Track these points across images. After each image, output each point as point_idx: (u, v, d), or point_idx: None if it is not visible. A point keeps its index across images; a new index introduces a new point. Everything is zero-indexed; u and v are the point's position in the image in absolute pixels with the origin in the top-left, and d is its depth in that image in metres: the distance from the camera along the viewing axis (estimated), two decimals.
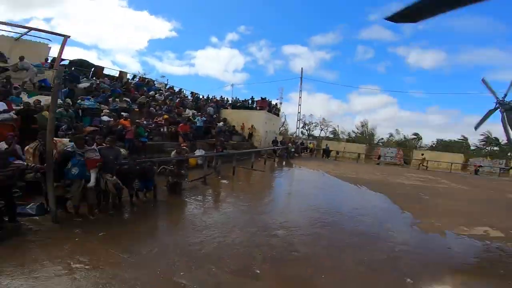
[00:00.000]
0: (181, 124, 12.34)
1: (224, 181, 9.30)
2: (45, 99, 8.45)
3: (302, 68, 29.90)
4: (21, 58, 10.03)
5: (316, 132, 41.99)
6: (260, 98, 22.44)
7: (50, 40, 13.69)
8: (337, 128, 42.94)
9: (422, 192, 10.49)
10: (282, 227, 5.17)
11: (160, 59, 67.62)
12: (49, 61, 12.99)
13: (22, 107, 6.81)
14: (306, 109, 60.82)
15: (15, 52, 10.92)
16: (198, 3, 68.31)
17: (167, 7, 67.86)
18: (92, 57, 68.47)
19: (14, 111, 6.44)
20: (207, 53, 69.18)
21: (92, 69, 15.49)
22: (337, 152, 26.95)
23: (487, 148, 36.05)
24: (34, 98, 8.17)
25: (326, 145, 26.87)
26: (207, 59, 67.26)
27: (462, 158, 30.39)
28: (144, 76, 18.98)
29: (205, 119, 14.53)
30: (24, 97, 8.22)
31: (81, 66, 14.59)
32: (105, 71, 17.11)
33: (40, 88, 10.43)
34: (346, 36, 60.67)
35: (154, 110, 13.41)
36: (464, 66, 53.48)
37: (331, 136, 41.82)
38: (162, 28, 67.94)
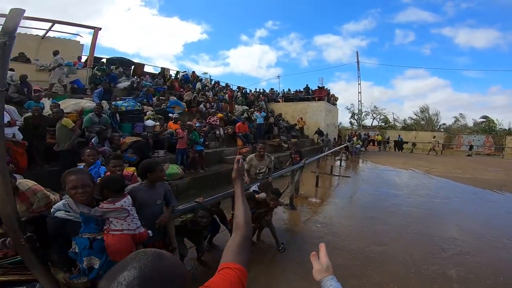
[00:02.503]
0: (238, 123, 9.80)
1: (314, 199, 6.46)
2: (71, 103, 6.47)
3: (357, 52, 25.71)
4: (55, 53, 8.35)
5: (368, 122, 37.14)
6: (317, 87, 19.03)
7: (81, 36, 12.24)
8: (392, 115, 37.50)
9: None
10: None
11: (196, 61, 70.48)
12: (82, 60, 11.43)
13: (30, 113, 4.69)
14: (347, 98, 56.72)
15: (43, 52, 9.40)
16: (223, 4, 68.87)
17: (195, 11, 71.23)
18: None
19: (20, 122, 4.36)
20: (239, 52, 72.38)
21: (132, 67, 13.80)
22: (413, 144, 22.32)
23: None
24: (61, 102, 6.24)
25: (399, 136, 22.42)
26: (240, 57, 69.72)
27: None
28: (188, 72, 16.95)
29: (265, 114, 11.78)
30: (47, 103, 6.32)
31: (120, 64, 12.92)
32: (146, 69, 15.44)
33: (72, 90, 8.71)
34: (380, 21, 57.43)
35: (205, 109, 11.11)
36: None
37: (383, 124, 36.88)
38: (194, 31, 70.93)
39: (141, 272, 0.53)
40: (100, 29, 12.67)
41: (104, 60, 13.17)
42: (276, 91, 22.51)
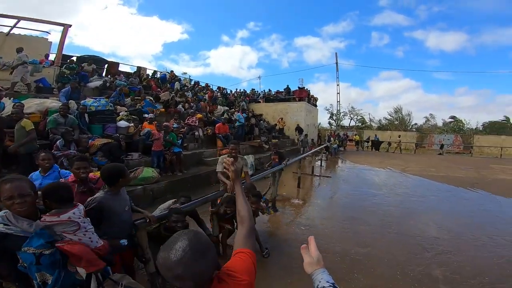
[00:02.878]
0: (218, 124, 9.52)
1: (296, 200, 6.36)
2: (34, 103, 5.93)
3: (336, 53, 26.17)
4: (19, 50, 7.63)
5: (345, 122, 38.30)
6: (297, 88, 19.13)
7: (49, 33, 11.49)
8: (369, 116, 38.95)
9: None
10: None
11: (176, 61, 69.15)
12: (51, 58, 10.63)
13: None
14: (326, 99, 58.19)
15: (7, 49, 8.63)
16: (205, 3, 68.31)
17: (175, 10, 69.72)
18: None
19: None
20: (220, 52, 71.80)
21: (106, 65, 13.05)
22: (389, 144, 23.10)
23: None
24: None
25: (375, 135, 23.10)
26: (221, 57, 69.09)
27: None
28: (167, 72, 16.37)
29: (246, 115, 11.56)
30: (8, 102, 5.73)
31: (93, 62, 12.14)
32: (122, 69, 14.71)
33: (37, 89, 8.02)
34: (358, 23, 59.73)
35: (183, 110, 10.70)
36: (489, 46, 50.63)
37: (360, 124, 38.23)
38: (174, 31, 69.43)
39: (190, 242, 0.77)
40: (70, 26, 11.92)
41: (74, 58, 12.35)
42: (257, 91, 22.42)
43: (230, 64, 70.07)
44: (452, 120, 35.04)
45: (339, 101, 24.63)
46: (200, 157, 7.87)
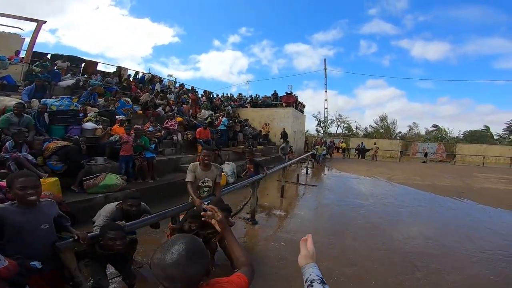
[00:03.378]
0: (199, 129, 9.00)
1: (278, 211, 5.90)
2: None
3: (325, 59, 26.34)
4: None
5: (332, 129, 38.62)
6: (285, 93, 18.90)
7: (22, 29, 10.81)
8: (355, 124, 39.43)
9: None
10: None
11: (166, 64, 68.31)
12: (22, 55, 9.88)
13: None
14: (314, 106, 58.73)
15: None
16: (198, 7, 68.34)
17: (168, 13, 68.82)
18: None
19: None
20: (211, 56, 70.48)
21: (83, 64, 12.33)
22: (375, 152, 23.15)
23: (510, 137, 33.31)
24: None
25: (362, 143, 23.11)
26: (211, 62, 68.72)
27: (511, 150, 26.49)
28: (150, 73, 15.69)
29: (226, 121, 11.07)
30: None
31: (69, 61, 11.41)
32: (106, 69, 14.02)
33: (1, 87, 7.31)
34: (347, 32, 59.98)
35: (164, 112, 10.13)
36: (470, 56, 52.11)
37: (347, 132, 38.66)
38: (165, 34, 68.71)
39: (187, 246, 0.81)
40: (44, 22, 11.21)
41: (49, 56, 11.60)
42: (244, 96, 22.08)
43: (221, 68, 69.73)
44: (435, 129, 35.92)
45: (326, 108, 24.59)
46: (177, 163, 7.31)
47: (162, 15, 68.76)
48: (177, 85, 17.03)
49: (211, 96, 18.94)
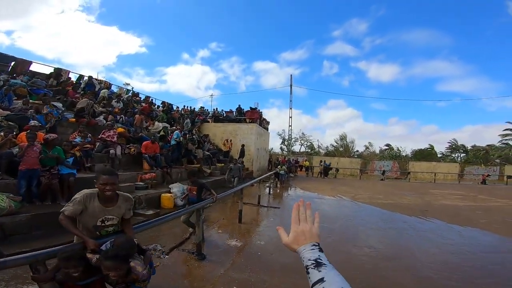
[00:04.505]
0: (146, 142, 7.68)
1: (234, 241, 4.82)
2: None
3: (291, 75, 26.71)
4: None
5: (296, 148, 39.13)
6: (249, 108, 18.25)
7: None
8: (317, 142, 40.52)
9: None
10: None
11: (129, 75, 64.82)
12: None
13: None
14: (279, 125, 59.84)
15: None
16: (170, 19, 67.11)
17: (138, 23, 66.19)
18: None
19: None
20: (178, 70, 68.77)
21: (12, 63, 10.33)
22: (337, 170, 23.36)
23: (452, 155, 36.81)
24: None
25: (325, 161, 23.18)
26: (178, 75, 67.33)
27: (458, 167, 28.89)
28: (97, 78, 13.91)
29: (179, 135, 9.77)
30: None
31: None
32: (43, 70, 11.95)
33: None
34: (313, 52, 62.73)
35: (105, 122, 8.61)
36: (417, 78, 57.31)
37: (309, 150, 39.45)
38: (132, 43, 66.01)
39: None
40: None
41: None
42: (207, 110, 20.97)
43: (188, 82, 67.92)
44: (387, 147, 38.16)
45: (291, 126, 24.50)
46: None
47: (131, 24, 66.14)
48: (129, 93, 15.41)
49: (171, 107, 17.53)
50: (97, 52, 62.91)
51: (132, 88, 18.02)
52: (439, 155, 36.32)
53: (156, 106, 16.17)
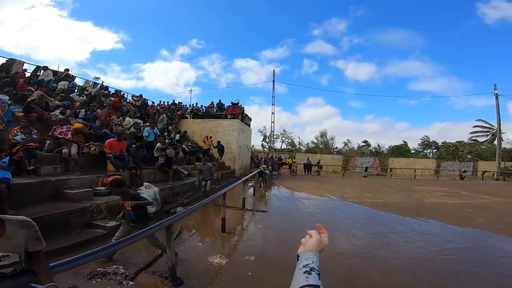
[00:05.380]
0: (110, 140, 6.53)
1: (216, 259, 3.91)
2: None
3: (274, 71, 25.96)
4: None
5: (277, 145, 38.78)
6: (230, 103, 17.26)
7: None
8: (298, 139, 40.43)
9: None
10: None
11: (104, 71, 61.23)
12: None
13: None
14: (260, 122, 59.34)
15: None
16: (149, 15, 64.24)
17: (114, 18, 62.73)
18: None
19: None
20: (156, 66, 66.22)
21: None
22: (320, 167, 23.00)
23: (425, 151, 38.17)
24: None
25: (308, 158, 22.69)
26: (157, 72, 65.37)
27: (434, 163, 29.73)
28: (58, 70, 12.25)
29: (159, 129, 8.67)
30: None
31: None
32: None
33: None
34: (293, 50, 62.40)
35: (61, 116, 7.31)
36: (391, 77, 58.90)
37: (290, 147, 39.26)
38: (108, 39, 62.83)
39: None
40: None
41: None
42: (185, 105, 19.69)
43: (166, 79, 65.30)
44: (364, 144, 38.80)
45: (273, 122, 23.81)
46: (59, 187, 4.73)
47: (107, 19, 62.15)
48: (98, 86, 13.87)
49: (144, 102, 16.09)
50: (69, 48, 59.17)
51: (102, 82, 16.39)
52: (412, 151, 37.36)
53: (128, 101, 14.74)
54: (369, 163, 29.07)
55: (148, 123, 10.90)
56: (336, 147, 39.35)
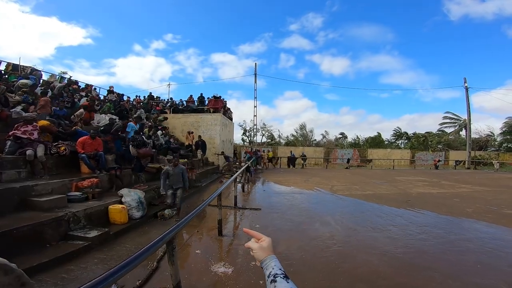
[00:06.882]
0: (82, 138, 5.77)
1: (223, 268, 3.46)
2: None
3: (256, 64, 25.38)
4: None
5: (257, 138, 38.57)
6: (212, 97, 16.54)
7: None
8: (277, 132, 40.46)
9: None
10: None
11: (71, 67, 57.72)
12: None
13: None
14: (239, 116, 59.13)
15: None
16: (120, 10, 60.79)
17: (82, 13, 59.17)
18: None
19: None
20: (129, 61, 65.42)
21: None
22: (304, 160, 22.99)
23: (397, 141, 39.58)
24: None
25: (291, 152, 22.56)
26: (129, 67, 62.48)
27: (410, 154, 30.95)
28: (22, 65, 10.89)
29: (140, 124, 7.91)
30: None
31: None
32: None
33: None
34: (271, 44, 63.66)
35: (24, 113, 6.38)
36: (364, 71, 62.04)
37: (270, 141, 39.20)
38: (75, 34, 59.69)
39: None
40: None
41: None
42: (163, 99, 18.67)
43: (140, 75, 62.76)
44: (341, 136, 39.66)
45: (255, 115, 23.36)
46: (25, 195, 4.01)
47: (74, 14, 58.24)
48: (65, 80, 12.60)
49: (119, 97, 14.97)
50: (32, 44, 55.04)
51: (70, 76, 14.99)
52: (386, 142, 38.70)
53: (101, 97, 13.58)
54: (350, 154, 29.65)
55: (130, 119, 10.07)
56: (315, 140, 39.84)
